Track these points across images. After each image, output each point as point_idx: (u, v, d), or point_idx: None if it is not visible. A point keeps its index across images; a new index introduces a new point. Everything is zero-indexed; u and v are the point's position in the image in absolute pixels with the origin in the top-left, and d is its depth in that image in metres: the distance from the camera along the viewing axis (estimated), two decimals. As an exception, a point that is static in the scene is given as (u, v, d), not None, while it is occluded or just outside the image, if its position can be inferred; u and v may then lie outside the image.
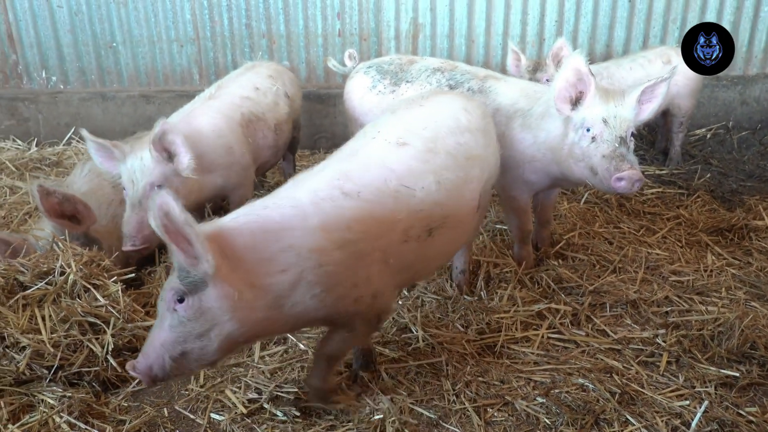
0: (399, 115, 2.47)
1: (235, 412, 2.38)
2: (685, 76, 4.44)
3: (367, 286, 2.04)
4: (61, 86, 5.30)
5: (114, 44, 5.19)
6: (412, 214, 2.12)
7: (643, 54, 4.63)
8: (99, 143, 3.02)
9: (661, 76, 2.83)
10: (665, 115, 4.66)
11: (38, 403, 2.40)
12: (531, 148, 3.04)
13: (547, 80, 4.02)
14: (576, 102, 2.82)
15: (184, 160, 2.95)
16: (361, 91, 3.62)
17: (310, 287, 1.89)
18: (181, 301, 1.80)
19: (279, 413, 2.36)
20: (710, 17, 5.16)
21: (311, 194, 1.98)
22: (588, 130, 2.78)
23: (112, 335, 2.59)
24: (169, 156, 2.97)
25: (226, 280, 1.76)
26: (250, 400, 2.45)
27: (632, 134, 2.79)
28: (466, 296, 3.09)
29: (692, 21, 5.18)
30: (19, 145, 5.10)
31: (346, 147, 2.31)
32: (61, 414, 2.33)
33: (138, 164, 2.97)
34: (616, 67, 4.50)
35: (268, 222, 1.88)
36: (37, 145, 5.12)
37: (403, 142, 2.24)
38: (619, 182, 2.69)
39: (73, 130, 5.16)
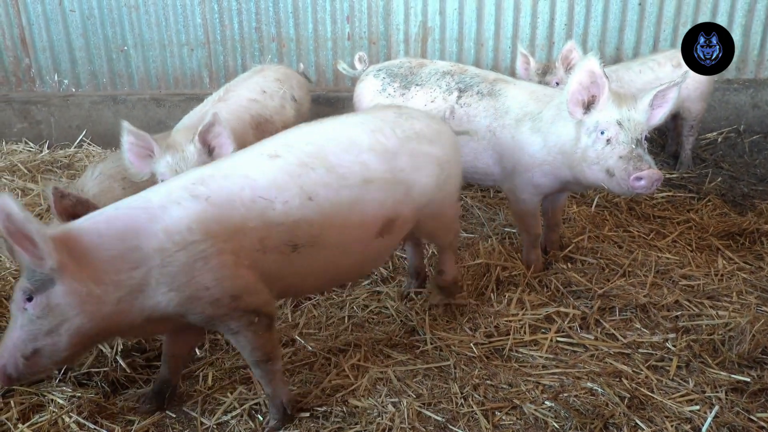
0: (294, 129, 2.43)
1: (243, 414, 2.38)
2: (695, 79, 4.41)
3: (221, 289, 2.01)
4: (73, 89, 5.35)
5: (125, 48, 5.23)
6: (269, 225, 2.07)
7: (653, 57, 4.61)
8: (140, 135, 2.89)
9: (672, 81, 2.83)
10: (675, 118, 4.63)
11: (48, 402, 2.42)
12: (541, 152, 3.03)
13: (556, 83, 4.01)
14: (588, 105, 2.81)
15: (229, 152, 2.87)
16: (371, 94, 3.65)
17: (158, 286, 1.94)
18: (30, 299, 1.85)
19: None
20: (720, 20, 5.12)
21: (164, 196, 2.03)
22: (602, 132, 2.77)
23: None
24: (209, 150, 2.93)
25: (73, 277, 1.83)
26: (257, 402, 2.45)
27: (645, 138, 2.78)
28: (469, 301, 3.08)
29: (703, 24, 5.15)
30: (31, 147, 5.15)
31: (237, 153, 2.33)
32: (71, 414, 2.34)
33: (180, 157, 2.89)
34: (625, 71, 4.48)
35: (117, 222, 1.95)
36: (48, 148, 5.17)
37: (275, 155, 2.19)
38: (638, 182, 2.67)
39: (84, 132, 5.20)
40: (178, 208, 1.99)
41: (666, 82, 2.84)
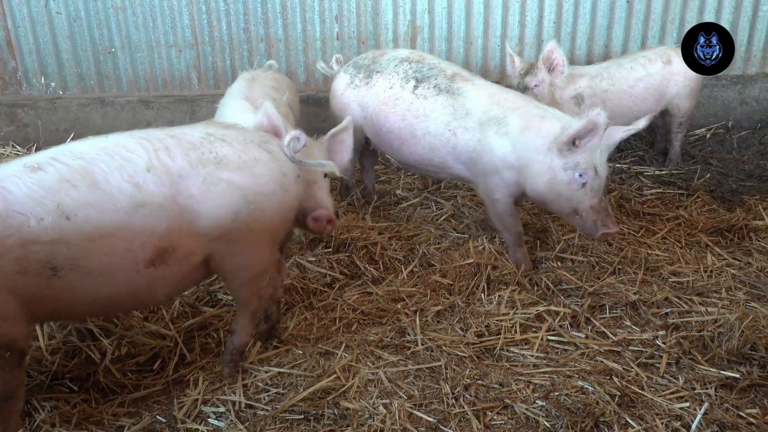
0: (73, 142, 2.21)
1: (234, 417, 2.37)
2: (684, 76, 4.43)
3: None
4: (60, 92, 5.30)
5: (113, 50, 5.19)
6: (25, 244, 1.92)
7: (644, 53, 4.62)
8: (275, 121, 2.70)
9: (631, 128, 3.04)
10: (664, 115, 4.65)
11: (36, 409, 2.39)
12: (510, 156, 3.13)
13: (535, 85, 3.99)
14: (574, 142, 2.93)
15: (346, 160, 2.86)
16: (341, 89, 3.80)
17: None
18: None
19: (277, 418, 2.36)
20: (708, 17, 5.15)
21: None
22: (580, 175, 2.93)
23: (111, 342, 2.59)
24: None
25: None
26: (247, 405, 2.44)
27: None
28: (459, 301, 3.07)
29: (690, 21, 5.17)
30: (19, 151, 5.10)
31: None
32: (60, 421, 2.32)
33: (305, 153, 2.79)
34: (617, 67, 4.49)
35: None
36: (36, 151, 5.12)
37: (37, 167, 2.01)
38: (602, 236, 2.99)
39: (72, 135, 5.16)
40: None
41: (631, 128, 3.04)
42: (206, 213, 2.18)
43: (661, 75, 4.46)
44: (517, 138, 3.10)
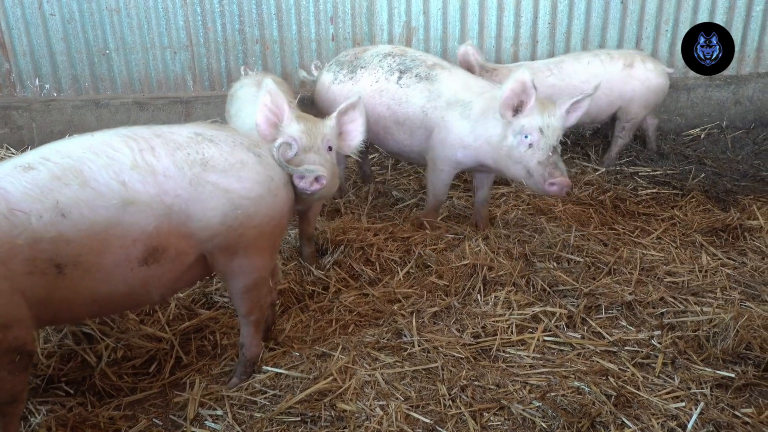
0: (58, 141, 2.20)
1: (230, 420, 2.37)
2: (643, 84, 4.46)
3: None
4: (55, 94, 5.29)
5: (107, 51, 5.18)
6: (32, 243, 1.93)
7: (609, 51, 4.61)
8: (277, 98, 2.62)
9: (586, 92, 3.26)
10: (612, 117, 4.67)
11: (32, 413, 2.39)
12: (468, 137, 3.45)
13: None
14: (517, 110, 3.20)
15: (358, 141, 2.79)
16: (326, 87, 3.99)
17: None
18: None
19: (274, 420, 2.35)
20: (702, 18, 5.17)
21: None
22: (526, 137, 3.20)
23: (107, 345, 2.58)
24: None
25: None
26: (244, 407, 2.44)
27: (561, 141, 3.23)
28: (455, 302, 3.08)
29: (684, 21, 5.20)
30: (13, 153, 5.08)
31: None
32: (56, 425, 2.31)
33: (312, 126, 2.62)
34: (573, 60, 4.50)
35: None
36: (30, 154, 5.10)
37: (29, 167, 2.01)
38: (551, 187, 3.15)
39: (66, 137, 5.14)
40: None
41: (580, 94, 3.25)
42: (195, 214, 2.17)
43: (620, 77, 4.46)
44: (477, 121, 3.41)
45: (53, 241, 1.96)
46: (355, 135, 2.76)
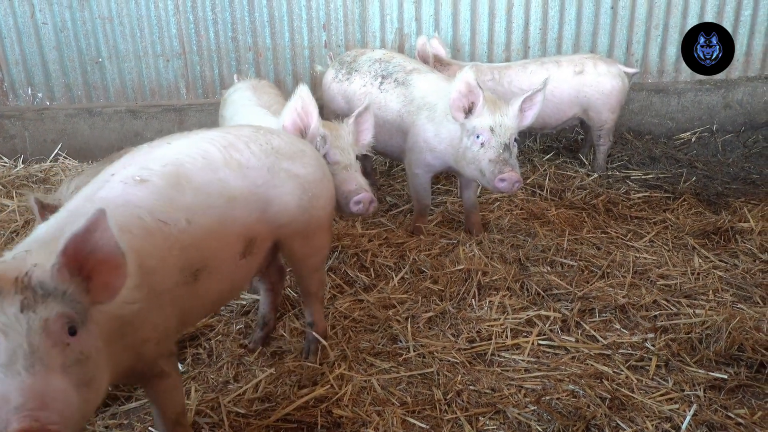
0: (135, 154, 2.14)
1: (227, 428, 2.37)
2: (595, 89, 4.41)
3: (157, 331, 1.90)
4: (47, 103, 5.28)
5: (100, 60, 5.18)
6: (181, 252, 1.94)
7: (558, 58, 4.59)
8: (308, 105, 2.75)
9: (536, 88, 3.27)
10: (583, 124, 4.70)
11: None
12: (434, 140, 3.54)
13: None
14: (469, 111, 3.24)
15: (368, 139, 3.05)
16: (328, 82, 4.22)
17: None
18: None
19: (270, 428, 2.36)
20: (692, 22, 5.22)
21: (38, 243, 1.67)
22: (477, 137, 3.23)
23: (102, 353, 2.58)
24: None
25: None
26: (241, 415, 2.44)
27: (516, 139, 3.25)
28: (450, 307, 3.09)
29: (674, 26, 5.25)
30: (6, 162, 5.08)
31: (84, 191, 1.99)
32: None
33: (336, 135, 2.84)
34: (519, 68, 4.48)
35: None
36: (23, 162, 5.09)
37: (141, 179, 1.99)
38: (501, 183, 3.15)
39: (59, 146, 5.14)
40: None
41: (532, 89, 3.27)
42: (274, 201, 2.27)
43: (569, 85, 4.41)
44: (440, 123, 3.48)
45: (188, 248, 1.98)
46: (366, 134, 3.02)
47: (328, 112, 4.10)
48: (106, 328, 1.60)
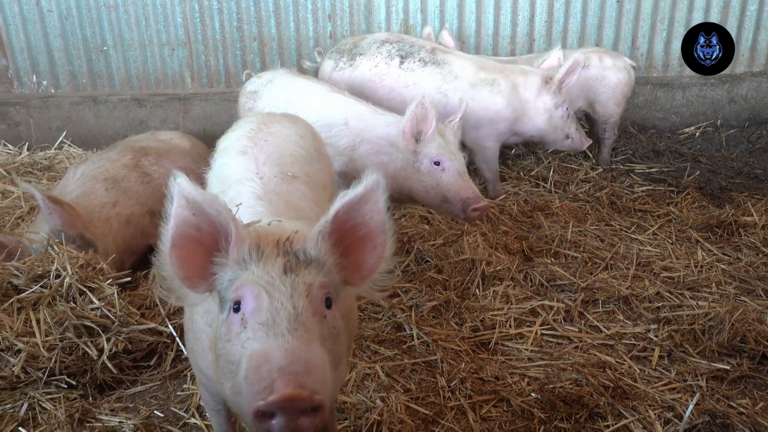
0: (255, 154, 2.11)
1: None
2: (601, 84, 4.49)
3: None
4: (52, 90, 5.29)
5: (105, 48, 5.18)
6: None
7: (531, 56, 4.69)
8: (426, 112, 2.96)
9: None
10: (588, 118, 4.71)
11: (34, 406, 2.40)
12: (505, 110, 3.90)
13: None
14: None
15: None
16: (328, 73, 4.24)
17: None
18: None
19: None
20: (697, 16, 5.21)
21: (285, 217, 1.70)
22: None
23: (108, 339, 2.59)
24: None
25: None
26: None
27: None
28: (454, 296, 3.10)
29: (680, 20, 5.24)
30: (10, 149, 5.08)
31: (244, 191, 1.91)
32: (57, 416, 2.33)
33: (444, 141, 3.08)
34: (524, 63, 4.42)
35: None
36: (28, 150, 5.10)
37: (292, 175, 1.99)
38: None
39: (64, 134, 5.15)
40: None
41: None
42: (321, 183, 2.34)
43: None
44: (504, 92, 3.91)
45: None
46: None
47: None
48: (340, 313, 1.44)
